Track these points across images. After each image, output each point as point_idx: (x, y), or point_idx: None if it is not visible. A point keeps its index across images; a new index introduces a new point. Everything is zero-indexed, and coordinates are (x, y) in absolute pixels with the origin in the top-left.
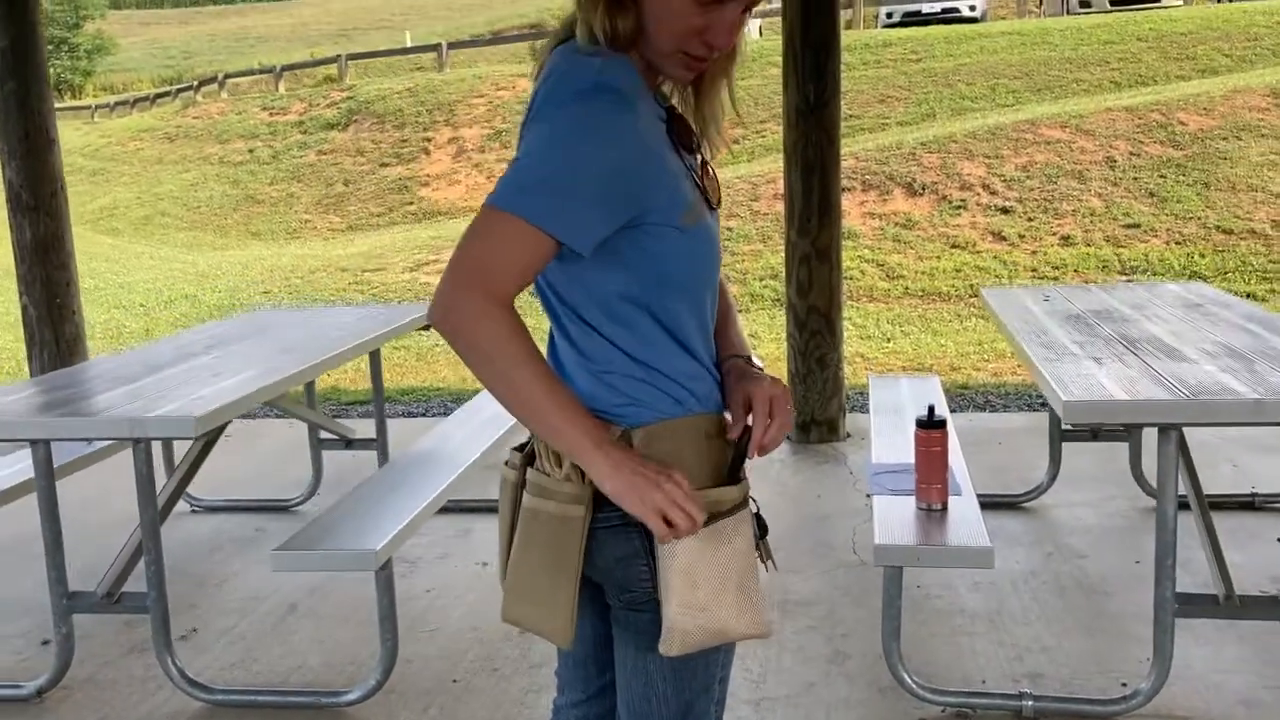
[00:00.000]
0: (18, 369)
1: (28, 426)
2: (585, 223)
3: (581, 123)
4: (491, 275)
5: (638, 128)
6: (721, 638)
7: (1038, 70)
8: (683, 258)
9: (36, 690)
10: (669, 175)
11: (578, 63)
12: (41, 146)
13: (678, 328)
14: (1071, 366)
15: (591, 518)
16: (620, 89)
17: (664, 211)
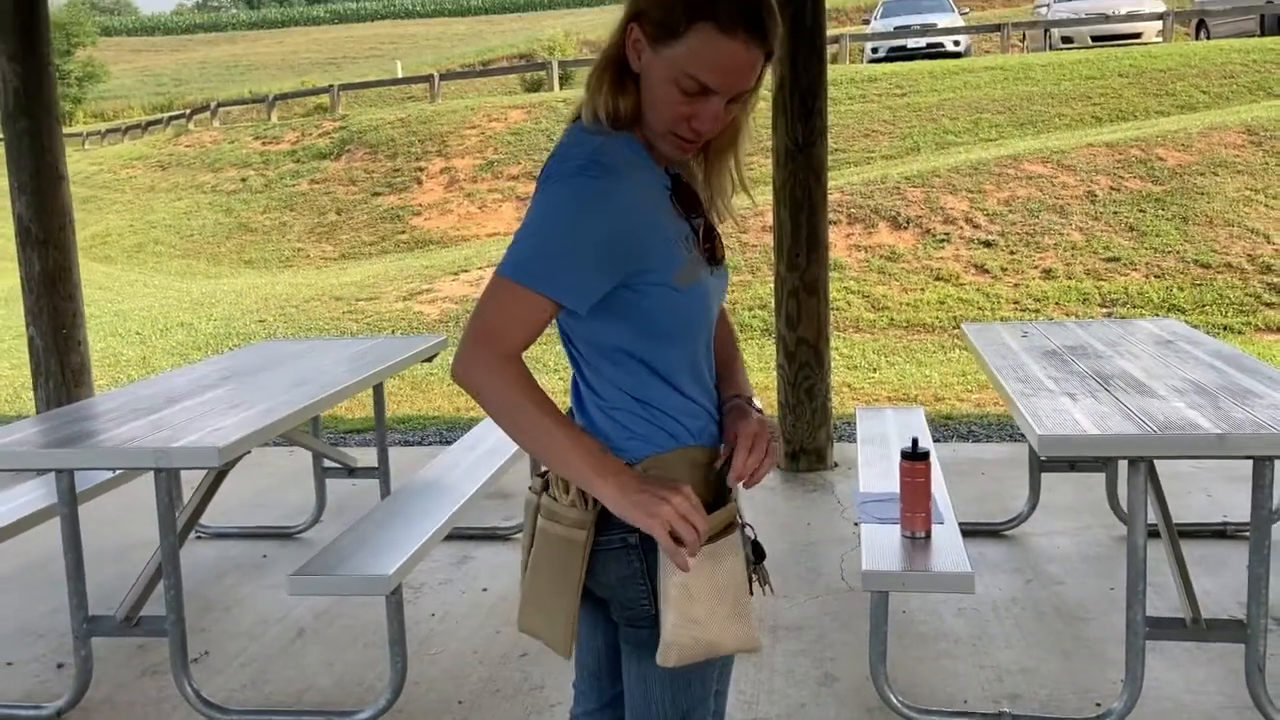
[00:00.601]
0: (15, 397)
1: (56, 456)
2: (580, 286)
3: (577, 197)
4: (500, 336)
5: (632, 198)
6: (714, 651)
7: (1020, 105)
8: (674, 313)
9: (56, 712)
10: (663, 239)
11: (580, 140)
12: (51, 182)
13: (669, 372)
14: (1047, 402)
15: (594, 540)
16: (614, 165)
17: (658, 272)
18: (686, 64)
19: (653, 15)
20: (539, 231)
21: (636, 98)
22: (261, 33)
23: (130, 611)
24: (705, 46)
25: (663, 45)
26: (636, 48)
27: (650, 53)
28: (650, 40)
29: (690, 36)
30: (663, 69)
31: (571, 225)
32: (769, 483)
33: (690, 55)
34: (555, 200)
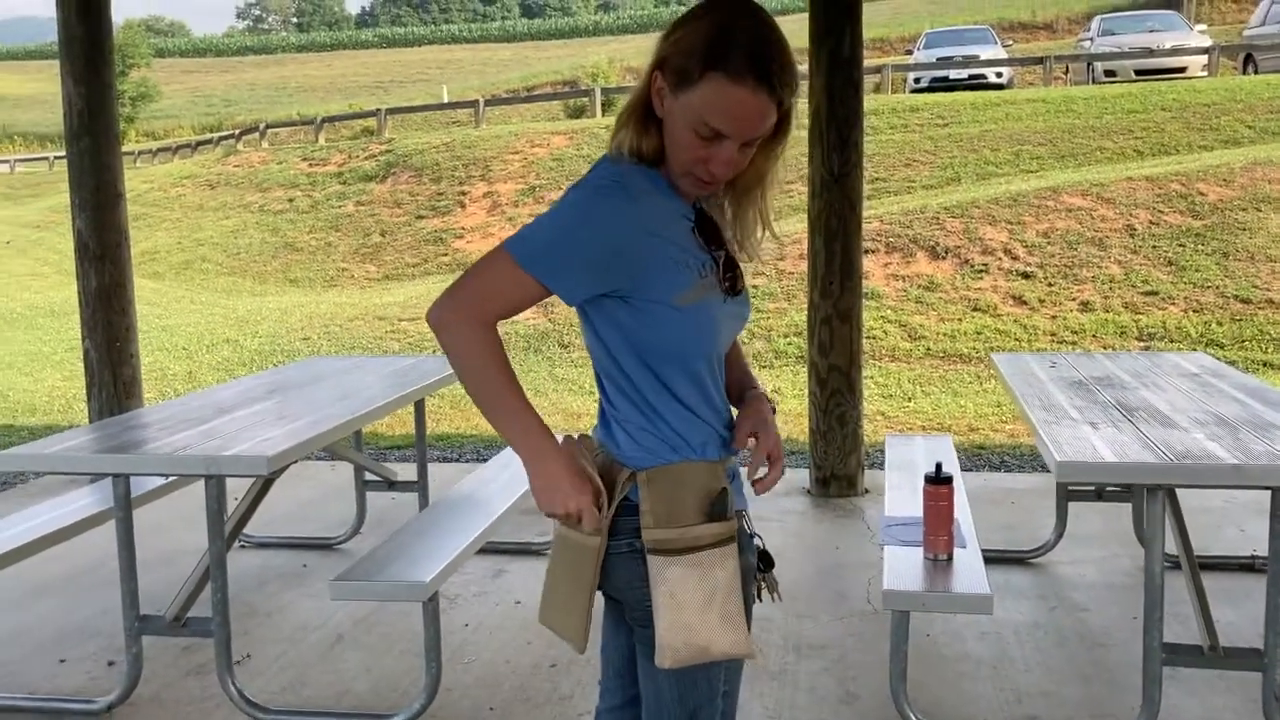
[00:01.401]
0: (67, 408)
1: (113, 462)
2: (571, 280)
3: (590, 205)
4: (486, 302)
5: (638, 220)
6: (706, 655)
7: (1062, 138)
8: (675, 330)
9: (107, 706)
10: (669, 262)
11: (605, 167)
12: (110, 200)
13: (674, 386)
14: (1069, 430)
15: (606, 545)
16: (630, 189)
17: (658, 290)
18: (701, 110)
19: (674, 64)
20: (549, 224)
21: (659, 140)
22: (310, 55)
23: (179, 612)
24: (716, 94)
25: (681, 92)
26: (660, 94)
27: (671, 99)
28: (671, 87)
29: (704, 84)
30: (681, 114)
31: (578, 226)
32: (799, 506)
33: (704, 102)
34: (571, 202)
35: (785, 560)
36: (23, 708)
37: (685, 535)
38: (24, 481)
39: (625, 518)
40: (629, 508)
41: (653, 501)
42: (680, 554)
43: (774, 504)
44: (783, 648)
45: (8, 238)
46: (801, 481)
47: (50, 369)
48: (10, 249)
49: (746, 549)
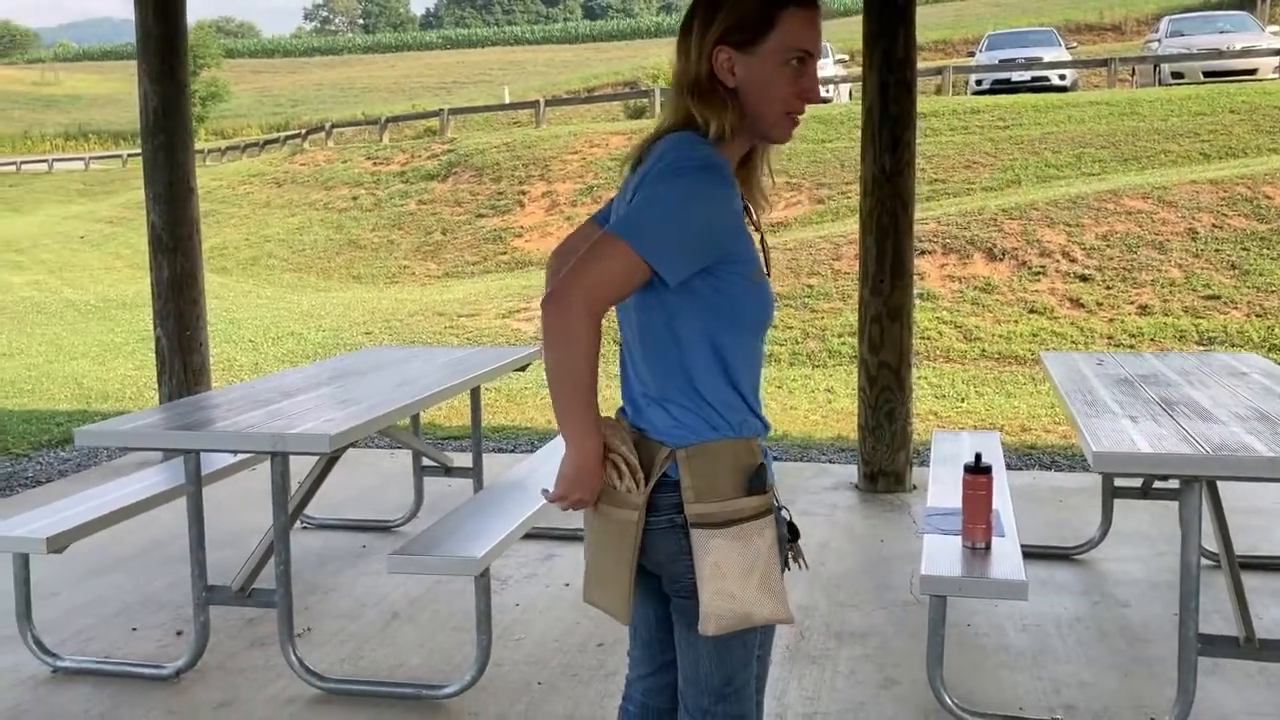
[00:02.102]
0: (138, 395)
1: (184, 438)
2: (679, 259)
3: (693, 188)
4: (598, 294)
5: (733, 200)
6: (748, 621)
7: (1125, 140)
8: (749, 301)
9: (176, 672)
10: (749, 238)
11: (696, 143)
12: (182, 194)
13: (728, 361)
14: (1108, 423)
15: (645, 521)
16: (724, 171)
17: (743, 264)
18: (790, 42)
19: (740, 28)
20: (654, 210)
21: (736, 110)
22: (375, 56)
23: (244, 583)
24: (796, 23)
25: (758, 45)
26: (728, 65)
27: (746, 59)
28: (742, 49)
29: (782, 23)
30: (767, 61)
31: (687, 207)
32: (847, 501)
33: (789, 35)
34: (674, 188)
35: (830, 552)
36: (98, 671)
37: (726, 508)
38: (97, 463)
39: (665, 494)
40: (668, 484)
41: (693, 478)
42: (722, 527)
43: (821, 498)
44: (824, 634)
45: (82, 232)
46: (850, 476)
47: (122, 358)
48: (85, 243)
49: (777, 521)
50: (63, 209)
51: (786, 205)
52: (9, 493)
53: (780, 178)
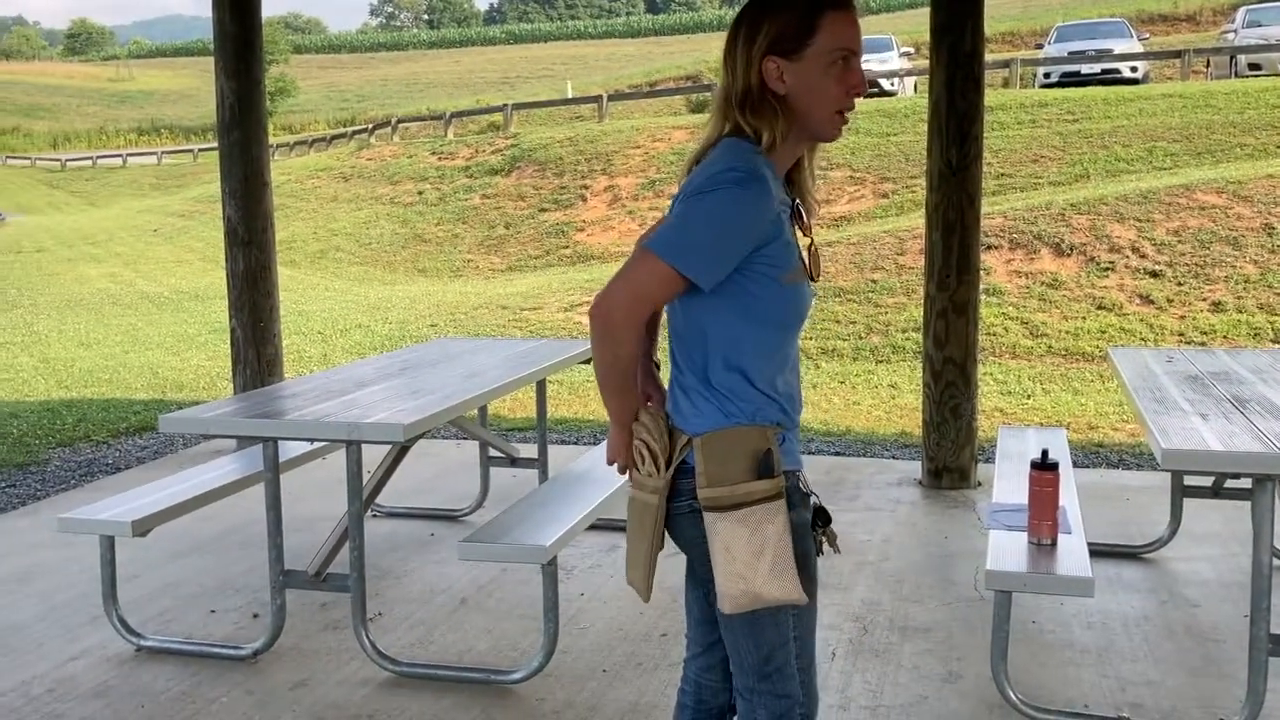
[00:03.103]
0: (211, 385)
1: (264, 426)
2: (710, 270)
3: (726, 201)
4: (638, 306)
5: (770, 206)
6: (760, 601)
7: (1199, 134)
8: (774, 303)
9: (253, 652)
10: (784, 242)
11: (740, 153)
12: (257, 189)
13: (749, 357)
14: (1177, 420)
15: (670, 506)
16: (762, 177)
17: (775, 267)
18: (833, 44)
19: (784, 39)
20: (693, 226)
21: (785, 118)
22: (440, 52)
23: (319, 568)
24: (837, 25)
25: (804, 50)
26: (778, 74)
27: (794, 65)
28: (789, 57)
29: (824, 28)
30: (814, 65)
31: (717, 223)
32: (911, 497)
33: (832, 37)
34: (713, 202)
35: (894, 547)
36: (179, 651)
37: (735, 492)
38: (173, 451)
39: (685, 479)
40: (687, 470)
41: (706, 463)
42: (730, 510)
43: (885, 493)
44: (888, 628)
45: (156, 226)
46: (914, 472)
47: (195, 349)
48: (158, 236)
49: (799, 505)
50: (136, 203)
51: (850, 199)
52: (90, 478)
53: (843, 171)
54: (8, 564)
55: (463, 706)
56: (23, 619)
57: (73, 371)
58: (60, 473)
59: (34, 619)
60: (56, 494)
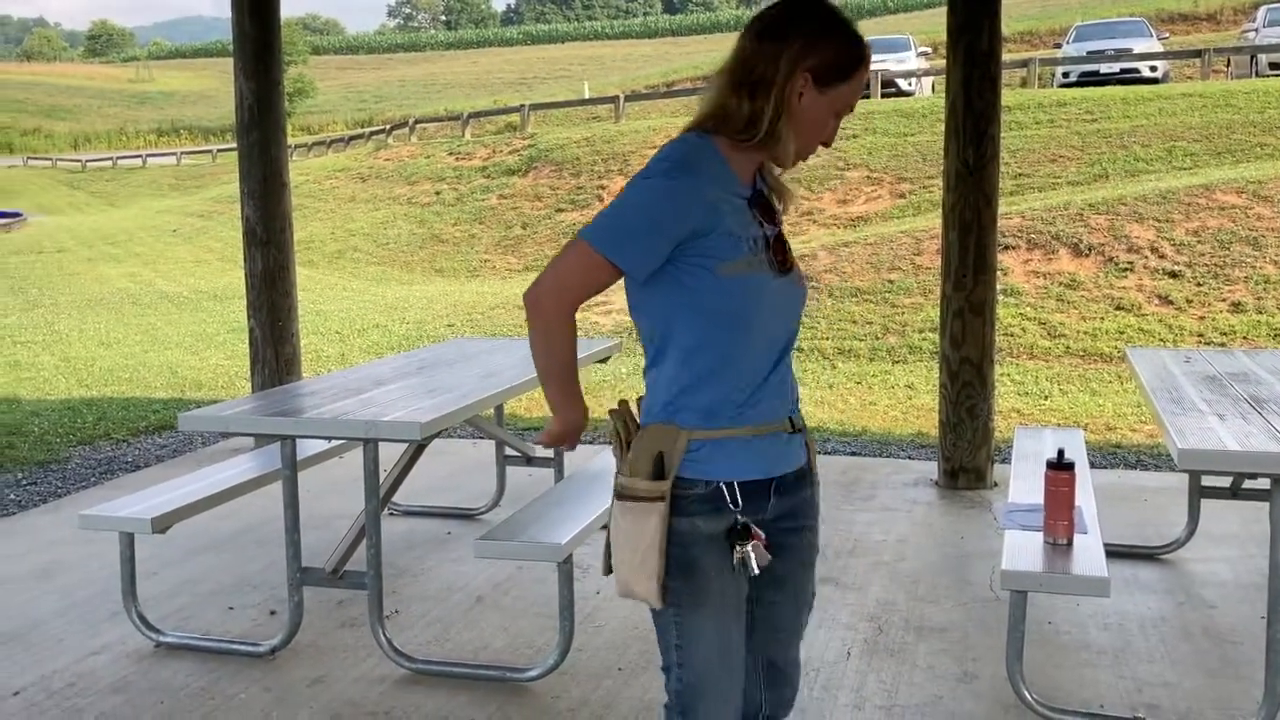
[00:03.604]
0: (229, 384)
1: (283, 424)
2: (641, 257)
3: (656, 187)
4: (571, 288)
5: (700, 194)
6: (629, 592)
7: (1219, 133)
8: (712, 295)
9: (271, 649)
10: (723, 232)
11: (685, 145)
12: (276, 189)
13: (685, 353)
14: (1194, 420)
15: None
16: (693, 165)
17: (708, 257)
18: (849, 97)
19: (827, 69)
20: (621, 209)
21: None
22: (458, 53)
23: (337, 565)
24: (858, 82)
25: (831, 88)
26: (801, 93)
27: (815, 94)
28: (820, 85)
29: (853, 79)
30: (827, 105)
31: (644, 208)
32: (927, 497)
33: (851, 92)
34: (640, 189)
35: (909, 547)
36: (197, 647)
37: (630, 485)
38: (192, 450)
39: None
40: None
41: (631, 454)
42: (622, 500)
43: (901, 494)
44: (903, 628)
45: (175, 226)
46: (930, 473)
47: (214, 349)
48: (177, 237)
49: (699, 514)
50: (156, 203)
51: (867, 199)
52: (110, 476)
53: (860, 171)
54: (29, 560)
55: (478, 704)
56: (43, 614)
57: (93, 370)
58: (80, 470)
59: (54, 614)
60: (77, 491)
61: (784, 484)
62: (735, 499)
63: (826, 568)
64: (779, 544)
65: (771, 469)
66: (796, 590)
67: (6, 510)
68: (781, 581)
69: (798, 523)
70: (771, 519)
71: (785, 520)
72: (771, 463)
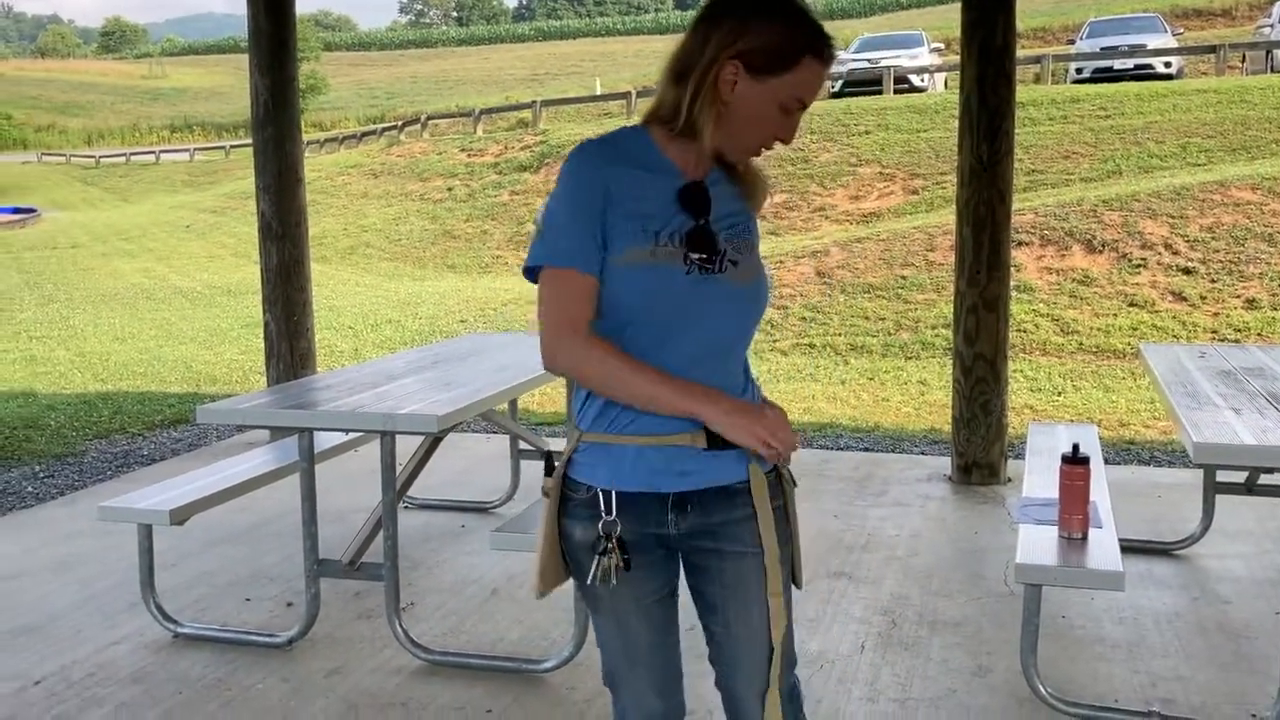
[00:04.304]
0: (244, 379)
1: (300, 417)
2: (578, 254)
3: (563, 183)
4: (564, 318)
5: (602, 179)
6: (533, 580)
7: (1234, 130)
8: (611, 286)
9: (288, 640)
10: (623, 220)
11: (584, 142)
12: (291, 184)
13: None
14: (1210, 415)
15: None
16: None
17: (610, 246)
18: (795, 88)
19: (758, 54)
20: (548, 219)
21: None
22: (470, 49)
23: (354, 557)
24: (810, 74)
25: (770, 76)
26: (731, 80)
27: (751, 83)
28: (754, 73)
29: (801, 68)
30: (769, 95)
31: (561, 200)
32: (940, 492)
33: (799, 81)
34: (554, 194)
35: (923, 542)
36: (215, 638)
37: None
38: (207, 444)
39: None
40: None
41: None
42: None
43: (914, 489)
44: (917, 622)
45: (188, 222)
46: (943, 468)
47: (228, 344)
48: (190, 232)
49: (577, 517)
50: (169, 199)
51: (879, 195)
52: (126, 469)
53: (873, 168)
54: (47, 552)
55: (494, 695)
56: (62, 606)
57: (108, 365)
58: (97, 464)
59: (73, 606)
60: (94, 484)
61: (694, 500)
62: (610, 508)
63: (839, 562)
64: (695, 565)
65: (662, 483)
66: (732, 620)
67: (24, 503)
68: (713, 608)
69: (718, 544)
70: (681, 534)
71: (702, 539)
72: (665, 477)
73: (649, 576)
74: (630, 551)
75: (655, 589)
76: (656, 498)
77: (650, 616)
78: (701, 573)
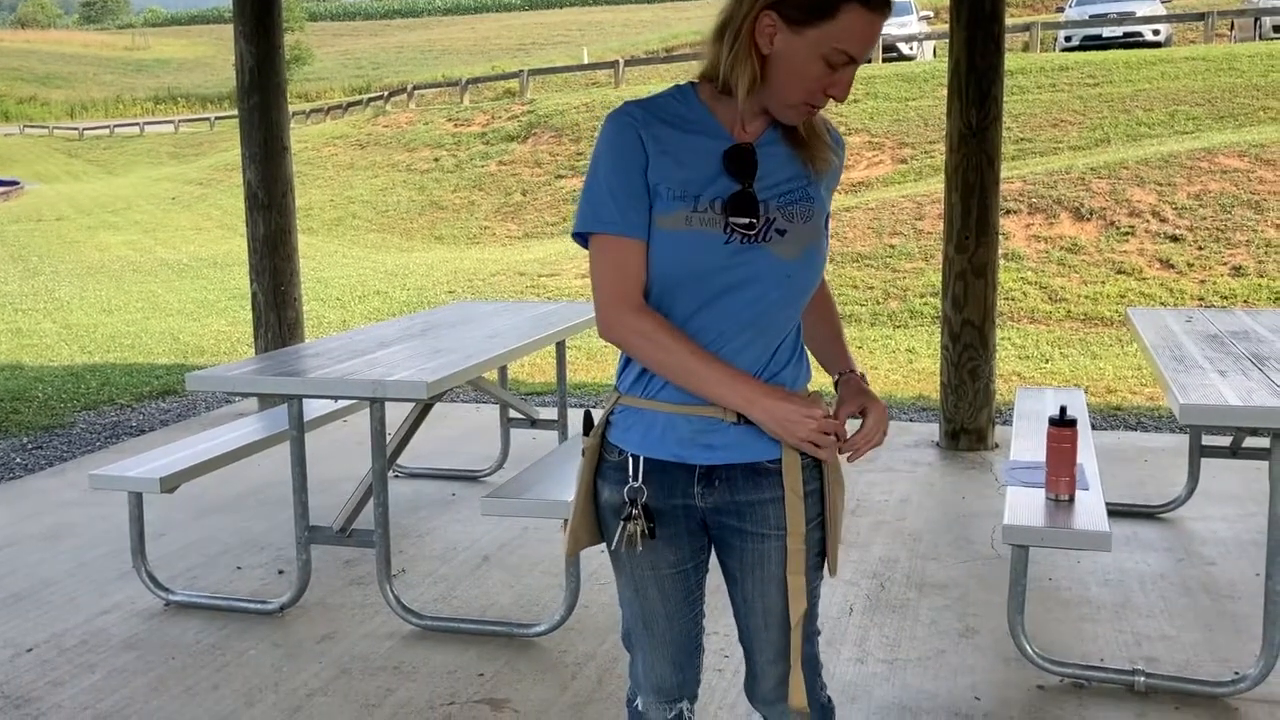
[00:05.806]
0: (231, 350)
1: (290, 383)
2: (622, 219)
3: (603, 146)
4: (618, 289)
5: (643, 142)
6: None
7: (1222, 97)
8: (654, 250)
9: (280, 607)
10: (664, 181)
11: (624, 104)
12: (277, 153)
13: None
14: (1196, 377)
15: None
16: (636, 113)
17: (654, 208)
18: (839, 39)
19: (796, 4)
20: (589, 185)
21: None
22: (456, 18)
23: (344, 524)
24: (855, 23)
25: (809, 27)
26: (770, 32)
27: (790, 35)
28: (792, 24)
29: (842, 15)
30: (808, 47)
31: (603, 162)
32: (928, 458)
33: (841, 31)
34: (595, 152)
35: (911, 506)
36: (207, 606)
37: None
38: (196, 414)
39: None
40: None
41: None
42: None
43: (903, 455)
44: (905, 585)
45: (173, 194)
46: (931, 434)
47: (215, 315)
48: (176, 205)
49: (608, 481)
50: (154, 171)
51: (868, 165)
52: (115, 440)
53: (862, 137)
54: (38, 522)
55: (487, 658)
56: (54, 574)
57: (95, 337)
58: (86, 435)
59: (65, 574)
60: (83, 455)
61: (722, 475)
62: (637, 474)
63: None
64: (720, 539)
65: (690, 455)
66: (751, 595)
67: (13, 474)
68: (734, 580)
69: (742, 524)
70: (708, 508)
71: (728, 516)
72: (692, 448)
73: (671, 548)
74: (656, 520)
75: (674, 561)
76: (685, 469)
77: (664, 587)
78: (725, 546)
